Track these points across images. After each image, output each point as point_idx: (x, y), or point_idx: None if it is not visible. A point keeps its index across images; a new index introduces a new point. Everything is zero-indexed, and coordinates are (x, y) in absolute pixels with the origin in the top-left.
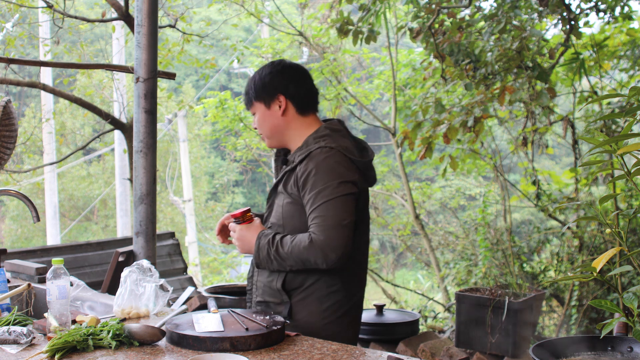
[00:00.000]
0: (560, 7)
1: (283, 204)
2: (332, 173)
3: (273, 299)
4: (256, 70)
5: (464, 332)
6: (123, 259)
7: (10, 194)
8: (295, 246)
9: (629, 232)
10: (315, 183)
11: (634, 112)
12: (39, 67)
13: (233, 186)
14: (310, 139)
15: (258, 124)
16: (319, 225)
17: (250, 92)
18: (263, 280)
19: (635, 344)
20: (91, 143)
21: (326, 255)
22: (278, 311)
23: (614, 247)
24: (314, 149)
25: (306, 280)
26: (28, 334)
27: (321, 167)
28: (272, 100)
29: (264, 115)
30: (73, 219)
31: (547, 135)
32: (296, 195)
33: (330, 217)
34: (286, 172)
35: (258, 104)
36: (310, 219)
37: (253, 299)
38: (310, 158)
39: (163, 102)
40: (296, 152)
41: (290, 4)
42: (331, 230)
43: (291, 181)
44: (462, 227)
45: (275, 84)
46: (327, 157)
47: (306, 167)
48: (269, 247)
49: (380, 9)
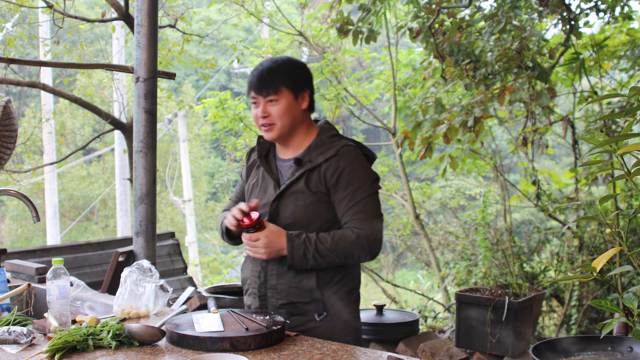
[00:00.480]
0: (560, 7)
1: (306, 203)
2: (364, 171)
3: (301, 299)
4: (264, 60)
5: (464, 332)
6: (123, 259)
7: (10, 194)
8: (339, 242)
9: (629, 232)
10: (351, 181)
11: (634, 112)
12: (39, 67)
13: (233, 186)
14: (325, 137)
15: (278, 113)
16: (362, 220)
17: (280, 77)
18: (287, 282)
19: (635, 344)
20: (91, 143)
21: (372, 247)
22: (307, 310)
23: (614, 247)
24: (340, 147)
25: (335, 275)
26: (28, 334)
27: (354, 165)
28: (301, 92)
29: (290, 106)
30: (73, 219)
31: (547, 135)
32: (323, 193)
33: (371, 212)
34: (305, 172)
35: (287, 92)
36: (349, 214)
37: (271, 303)
38: (339, 156)
39: (163, 102)
40: (312, 151)
41: (290, 4)
42: (374, 224)
43: (314, 180)
44: (462, 227)
45: (307, 77)
46: (357, 156)
47: (337, 165)
48: (306, 247)
49: (380, 9)
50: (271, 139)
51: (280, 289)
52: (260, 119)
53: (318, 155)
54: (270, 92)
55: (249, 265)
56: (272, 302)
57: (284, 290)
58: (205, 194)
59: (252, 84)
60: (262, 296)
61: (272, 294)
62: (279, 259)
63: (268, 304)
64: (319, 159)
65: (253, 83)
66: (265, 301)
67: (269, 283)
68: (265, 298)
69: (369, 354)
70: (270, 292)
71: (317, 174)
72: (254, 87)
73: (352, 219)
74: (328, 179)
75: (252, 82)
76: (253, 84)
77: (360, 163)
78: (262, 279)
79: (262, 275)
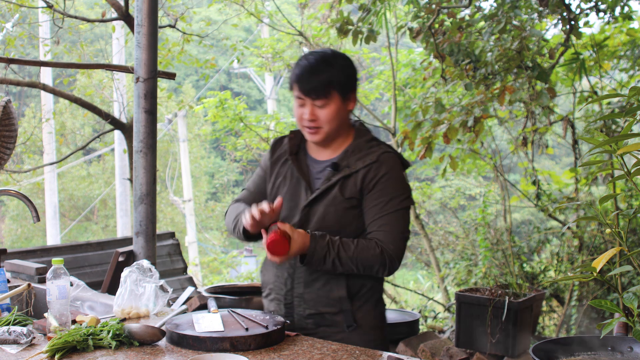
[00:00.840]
0: (560, 7)
1: (337, 210)
2: (402, 182)
3: (330, 309)
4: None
5: (464, 332)
6: (123, 259)
7: (10, 194)
8: (361, 252)
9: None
10: (386, 190)
11: (634, 112)
12: (39, 67)
13: (233, 186)
14: (362, 142)
15: (327, 117)
16: (388, 233)
17: (332, 80)
18: (315, 291)
19: (635, 344)
20: (91, 143)
21: (392, 264)
22: (336, 321)
23: (614, 247)
24: (381, 154)
25: (365, 284)
26: (28, 334)
27: (393, 174)
28: (350, 94)
29: (339, 109)
30: (73, 219)
31: (547, 135)
32: (356, 200)
33: (398, 228)
34: (341, 178)
35: (336, 95)
36: (376, 225)
37: (297, 312)
38: (379, 163)
39: (163, 102)
40: (350, 156)
41: (290, 4)
42: (399, 242)
43: (349, 186)
44: (462, 227)
45: (355, 75)
46: (397, 164)
47: (377, 171)
48: (328, 250)
49: (380, 9)
50: (315, 141)
51: (307, 298)
52: (306, 120)
53: (357, 161)
54: (321, 96)
55: (272, 270)
56: (298, 311)
57: (312, 299)
58: (205, 194)
59: (300, 83)
60: (289, 304)
61: (299, 302)
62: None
63: (294, 313)
64: (358, 165)
65: (301, 83)
66: (291, 309)
67: (296, 291)
68: (291, 306)
69: (369, 353)
70: (297, 301)
71: (354, 180)
72: (302, 87)
73: (378, 230)
74: (365, 184)
75: (300, 82)
76: (301, 84)
77: (399, 173)
78: (289, 287)
79: (288, 282)
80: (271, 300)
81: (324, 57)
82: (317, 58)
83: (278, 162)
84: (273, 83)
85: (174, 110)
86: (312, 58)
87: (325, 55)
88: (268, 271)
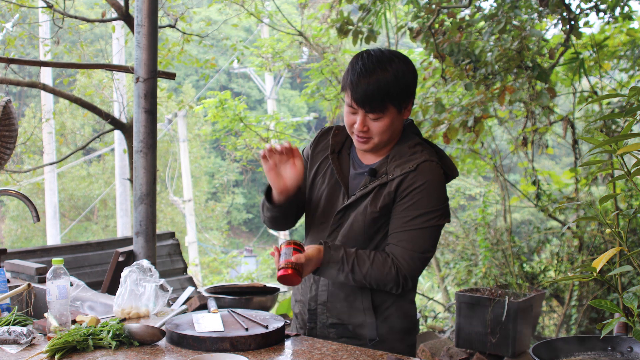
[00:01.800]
0: (560, 7)
1: (367, 219)
2: (438, 197)
3: (353, 320)
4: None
5: (464, 332)
6: (123, 259)
7: (10, 194)
8: (375, 270)
9: (629, 232)
10: (419, 202)
11: (634, 112)
12: (39, 67)
13: (233, 186)
14: (406, 147)
15: (379, 130)
16: (406, 251)
17: (390, 93)
18: (339, 300)
19: (635, 344)
20: (91, 143)
21: (405, 283)
22: (358, 334)
23: (614, 247)
24: (420, 162)
25: (389, 297)
26: (28, 334)
27: (429, 187)
28: (407, 103)
29: (394, 120)
30: (73, 219)
31: (547, 135)
32: (386, 209)
33: (420, 247)
34: (377, 186)
35: (393, 108)
36: (397, 238)
37: (320, 320)
38: (417, 172)
39: (163, 102)
40: (390, 162)
41: (290, 4)
42: (417, 261)
43: (383, 196)
44: (462, 227)
45: (415, 83)
46: (437, 176)
47: (413, 180)
48: (342, 264)
49: (380, 9)
50: (365, 149)
51: (331, 307)
52: (357, 130)
53: (395, 168)
54: (375, 110)
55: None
56: (321, 319)
57: (335, 309)
58: (205, 194)
59: (353, 92)
60: (312, 310)
61: (322, 310)
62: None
63: (317, 320)
64: (395, 172)
65: (355, 92)
66: (314, 316)
67: (320, 299)
68: (315, 313)
69: (369, 353)
70: (320, 309)
71: (389, 188)
72: (355, 97)
73: (396, 244)
74: (399, 192)
75: (353, 90)
76: (355, 93)
77: (437, 187)
78: (313, 293)
79: (313, 288)
80: (297, 301)
81: (380, 62)
82: (373, 62)
83: (320, 156)
84: (273, 83)
85: (174, 110)
86: (368, 63)
87: (382, 59)
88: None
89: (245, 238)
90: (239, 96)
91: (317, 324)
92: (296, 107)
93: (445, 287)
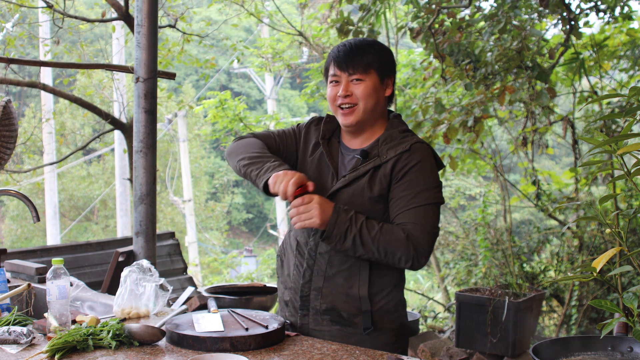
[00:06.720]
0: (560, 7)
1: (364, 203)
2: (433, 175)
3: (348, 308)
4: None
5: (464, 332)
6: (123, 259)
7: (10, 194)
8: (385, 234)
9: (629, 232)
10: (416, 181)
11: (634, 112)
12: (39, 67)
13: (233, 186)
14: (395, 132)
15: (362, 93)
16: (418, 226)
17: (371, 56)
18: (335, 287)
19: (635, 344)
20: (91, 143)
21: (418, 257)
22: (353, 322)
23: (614, 247)
24: (413, 143)
25: (387, 285)
26: (28, 334)
27: (425, 165)
28: (387, 78)
29: (375, 89)
30: (73, 219)
31: (547, 135)
32: (384, 190)
33: (429, 222)
34: (371, 169)
35: (374, 74)
36: (403, 217)
37: (313, 306)
38: (411, 152)
39: (163, 102)
40: (381, 145)
41: (290, 4)
42: (429, 236)
43: (378, 180)
44: (462, 227)
45: (394, 63)
46: (429, 156)
47: (407, 161)
48: (350, 225)
49: (380, 9)
50: (350, 123)
51: (326, 293)
52: (340, 98)
53: (388, 150)
54: (358, 70)
55: (292, 258)
56: (314, 304)
57: (331, 294)
58: (205, 194)
59: (337, 58)
60: (305, 297)
61: (316, 296)
62: (327, 259)
63: (310, 306)
64: (389, 154)
65: (339, 58)
66: (307, 302)
67: (314, 284)
68: (307, 299)
69: (369, 353)
70: (314, 294)
71: (383, 170)
72: (339, 62)
73: (407, 221)
74: (395, 173)
75: (337, 57)
76: (339, 58)
77: (431, 165)
78: (307, 278)
79: (307, 274)
80: (287, 288)
81: (362, 39)
82: (356, 40)
83: (310, 141)
84: (273, 83)
85: (174, 110)
86: (351, 40)
87: (364, 38)
88: (288, 258)
89: (245, 238)
90: (238, 96)
91: (309, 310)
92: (296, 107)
93: (445, 287)
